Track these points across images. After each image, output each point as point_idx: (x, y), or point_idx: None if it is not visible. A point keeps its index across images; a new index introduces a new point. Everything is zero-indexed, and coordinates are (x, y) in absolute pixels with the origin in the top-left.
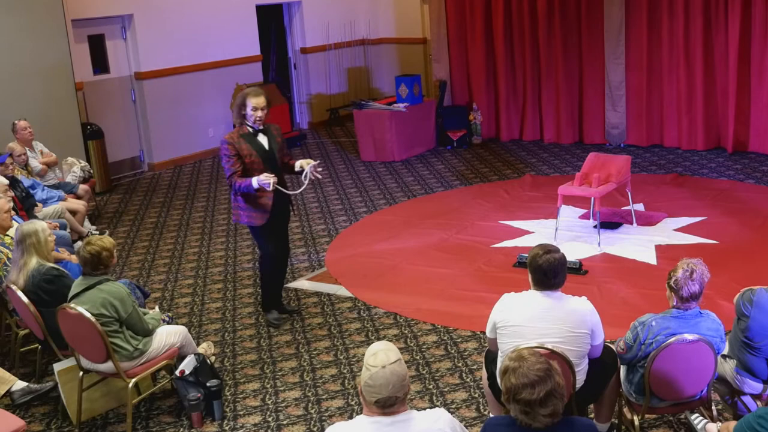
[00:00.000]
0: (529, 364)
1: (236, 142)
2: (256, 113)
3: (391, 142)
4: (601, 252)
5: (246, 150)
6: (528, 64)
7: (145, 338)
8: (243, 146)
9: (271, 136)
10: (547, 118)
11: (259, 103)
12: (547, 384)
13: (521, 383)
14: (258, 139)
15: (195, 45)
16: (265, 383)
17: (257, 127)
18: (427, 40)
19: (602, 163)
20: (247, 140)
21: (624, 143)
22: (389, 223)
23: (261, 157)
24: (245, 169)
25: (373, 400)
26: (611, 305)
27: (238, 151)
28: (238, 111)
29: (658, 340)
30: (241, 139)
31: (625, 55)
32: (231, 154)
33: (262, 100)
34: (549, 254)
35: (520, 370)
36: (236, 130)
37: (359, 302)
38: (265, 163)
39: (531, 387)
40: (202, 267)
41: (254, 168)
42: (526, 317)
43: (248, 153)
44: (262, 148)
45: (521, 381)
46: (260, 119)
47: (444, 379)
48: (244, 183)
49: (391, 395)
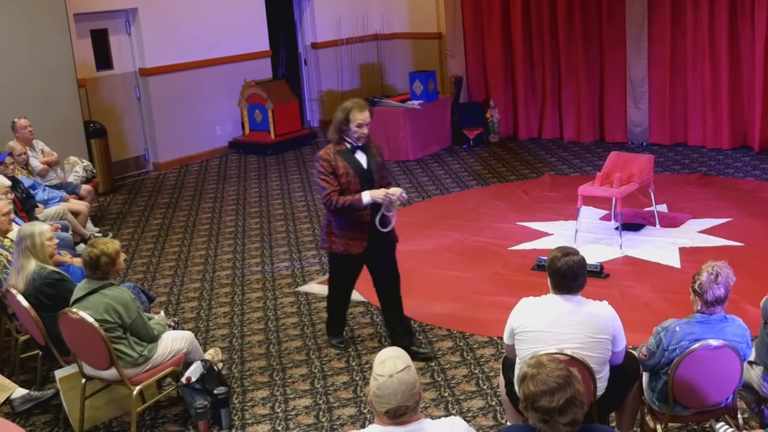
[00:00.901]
0: (548, 370)
1: (332, 159)
2: (360, 130)
3: (405, 140)
4: (623, 255)
5: (342, 168)
6: (547, 59)
7: (150, 344)
8: (339, 164)
9: (370, 155)
10: (567, 116)
11: (364, 118)
12: (567, 391)
13: (540, 390)
14: (356, 157)
15: (202, 40)
16: (274, 391)
17: (356, 144)
18: (442, 35)
19: (624, 162)
20: (344, 157)
21: (646, 142)
22: (403, 225)
23: (359, 177)
24: (341, 189)
25: (382, 410)
26: (633, 310)
27: (334, 169)
28: (338, 126)
29: (682, 345)
30: (337, 155)
31: (647, 49)
32: (327, 172)
33: (367, 115)
34: (568, 257)
35: (538, 377)
36: (332, 145)
37: (372, 307)
38: (363, 184)
39: (550, 394)
40: (210, 270)
41: (350, 189)
42: (545, 322)
43: (344, 172)
44: (359, 167)
45: (540, 388)
46: (364, 136)
47: (460, 387)
48: (348, 200)
49: (400, 405)
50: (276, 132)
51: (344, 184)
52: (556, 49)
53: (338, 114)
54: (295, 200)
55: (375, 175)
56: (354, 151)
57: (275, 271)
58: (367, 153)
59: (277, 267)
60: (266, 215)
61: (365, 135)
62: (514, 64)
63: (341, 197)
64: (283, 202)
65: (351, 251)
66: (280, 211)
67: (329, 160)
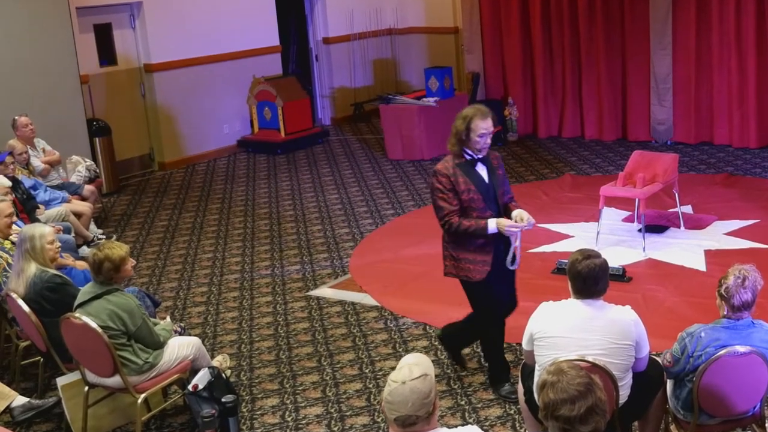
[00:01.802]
0: (568, 378)
1: (452, 174)
2: (484, 140)
3: (420, 139)
4: (646, 257)
5: (463, 184)
6: (567, 54)
7: (155, 351)
8: (460, 179)
9: (490, 167)
10: (588, 113)
11: (488, 127)
12: (588, 399)
13: (560, 398)
14: (477, 170)
15: (209, 35)
16: (284, 399)
17: (477, 156)
18: (459, 30)
19: (647, 161)
20: (464, 171)
21: (671, 140)
22: (418, 227)
23: (481, 194)
24: (461, 207)
25: (392, 417)
26: (657, 315)
27: (453, 185)
28: (459, 136)
29: (708, 352)
30: (457, 169)
31: (672, 45)
32: (446, 189)
33: (490, 123)
34: (589, 260)
35: (558, 385)
36: (450, 158)
37: (386, 311)
38: (486, 200)
39: (570, 403)
40: (217, 274)
41: (472, 206)
42: (565, 328)
43: (465, 188)
44: (481, 182)
45: (560, 396)
46: (486, 147)
47: (477, 395)
48: (472, 226)
49: (410, 414)
50: (286, 130)
51: (465, 202)
52: (577, 44)
53: (458, 123)
54: (306, 201)
55: (498, 189)
56: (474, 163)
57: (285, 274)
58: (488, 165)
59: (287, 270)
60: (276, 216)
61: (488, 146)
62: (534, 60)
63: (464, 220)
64: (293, 203)
65: (472, 277)
66: (291, 212)
67: (448, 176)
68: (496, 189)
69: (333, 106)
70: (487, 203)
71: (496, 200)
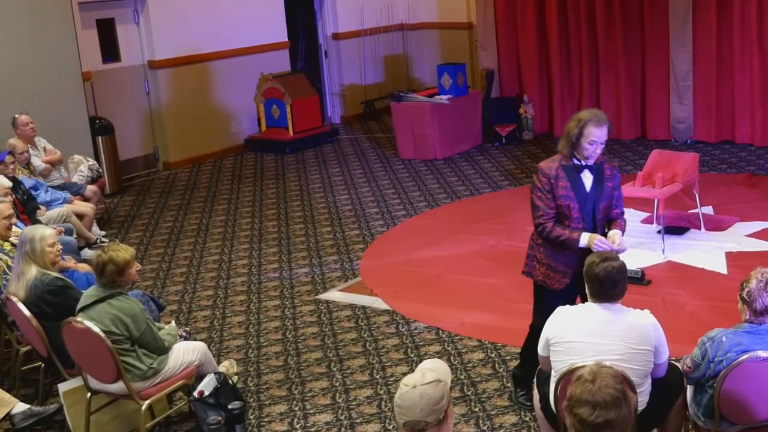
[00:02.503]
0: (603, 383)
1: (553, 176)
2: (593, 148)
3: (432, 138)
4: (666, 260)
5: (562, 189)
6: (585, 50)
7: (160, 356)
8: (561, 183)
9: (600, 177)
10: (605, 111)
11: (600, 136)
12: (611, 412)
13: (584, 399)
14: (581, 177)
15: (215, 30)
16: (293, 405)
17: (585, 162)
18: (472, 25)
19: (667, 161)
20: (568, 175)
21: (691, 139)
22: (431, 228)
23: (578, 203)
24: (556, 213)
25: (401, 422)
26: (677, 319)
27: (552, 187)
28: (570, 138)
29: (729, 357)
30: (561, 171)
31: (692, 42)
32: (545, 189)
33: (604, 133)
34: (607, 262)
35: (589, 386)
36: (558, 157)
37: (397, 316)
38: (582, 211)
39: (592, 407)
40: (224, 277)
41: (566, 214)
42: (582, 332)
43: (564, 193)
44: (582, 190)
45: (585, 397)
46: (595, 156)
47: (491, 401)
48: (564, 236)
49: (419, 419)
50: (294, 129)
51: (560, 208)
52: (595, 40)
53: (571, 124)
54: (315, 201)
55: (598, 203)
56: (580, 169)
57: (294, 277)
58: (597, 174)
59: (295, 273)
60: (284, 218)
61: (597, 155)
62: (550, 56)
63: (557, 227)
64: (302, 204)
65: (550, 284)
66: (299, 213)
67: (549, 176)
68: (597, 201)
69: (343, 104)
70: (582, 214)
71: (594, 213)
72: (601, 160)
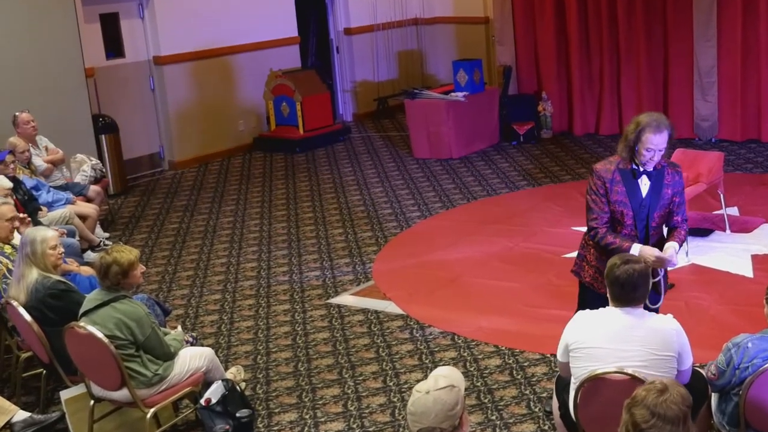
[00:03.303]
0: (671, 398)
1: (609, 179)
2: (650, 155)
3: (448, 136)
4: (690, 263)
5: (617, 194)
6: (605, 46)
7: (165, 362)
8: (616, 187)
9: (659, 183)
10: (627, 109)
11: (659, 143)
12: (666, 428)
13: (647, 404)
14: (638, 182)
15: (223, 25)
16: (303, 413)
17: (646, 169)
18: (489, 19)
19: (691, 160)
20: (624, 179)
21: (715, 138)
22: (446, 230)
23: (632, 209)
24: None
25: (415, 429)
26: (701, 324)
27: (607, 191)
28: (628, 143)
29: (755, 364)
30: (617, 175)
31: (717, 35)
32: (599, 193)
33: (662, 140)
34: (628, 265)
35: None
36: (615, 159)
37: (411, 320)
38: (636, 218)
39: (651, 414)
40: (231, 280)
41: (619, 219)
42: (603, 338)
43: (618, 199)
44: (637, 197)
45: (649, 402)
46: (652, 163)
47: (509, 409)
48: (616, 244)
49: (433, 426)
50: (305, 127)
51: (614, 213)
52: (616, 35)
53: (630, 127)
54: (326, 202)
55: (653, 211)
56: (638, 174)
57: (304, 281)
58: (656, 180)
59: (306, 276)
60: (294, 219)
61: (655, 162)
62: (569, 52)
63: (609, 235)
64: (312, 205)
65: (597, 287)
66: (310, 214)
67: (605, 180)
68: (652, 209)
69: (355, 102)
70: (636, 221)
71: (648, 221)
72: (663, 164)
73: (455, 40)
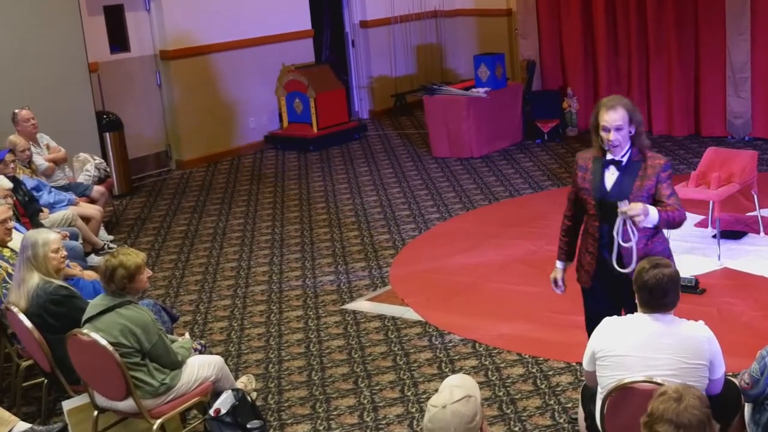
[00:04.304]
0: (689, 404)
1: (581, 167)
2: (606, 135)
3: (468, 134)
4: (722, 267)
5: (584, 182)
6: (633, 40)
7: (172, 371)
8: (585, 174)
9: (628, 174)
10: (656, 106)
11: (609, 120)
12: None
13: (667, 418)
14: (605, 172)
15: (233, 18)
16: (317, 425)
17: (615, 157)
18: (512, 12)
19: (723, 159)
20: (593, 168)
21: (749, 136)
22: (466, 232)
23: (595, 199)
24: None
25: None
26: (733, 331)
27: (575, 176)
28: (592, 128)
29: None
30: (589, 162)
31: (750, 30)
32: (572, 177)
33: (613, 117)
34: (658, 269)
35: (674, 404)
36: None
37: (430, 327)
38: (599, 208)
39: (675, 428)
40: (242, 285)
41: (583, 208)
42: (630, 345)
43: (583, 186)
44: (600, 186)
45: (669, 416)
46: (613, 145)
47: (532, 420)
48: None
49: None
50: (319, 124)
51: (580, 201)
52: (644, 28)
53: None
54: (341, 203)
55: (619, 201)
56: (606, 164)
57: (318, 286)
58: (624, 170)
59: (320, 281)
60: (308, 221)
61: (615, 144)
62: (596, 46)
63: (563, 231)
64: (327, 206)
65: (580, 282)
66: (324, 216)
67: (578, 166)
68: (617, 200)
69: (371, 98)
70: (601, 212)
71: (613, 212)
72: (641, 157)
73: (476, 33)
